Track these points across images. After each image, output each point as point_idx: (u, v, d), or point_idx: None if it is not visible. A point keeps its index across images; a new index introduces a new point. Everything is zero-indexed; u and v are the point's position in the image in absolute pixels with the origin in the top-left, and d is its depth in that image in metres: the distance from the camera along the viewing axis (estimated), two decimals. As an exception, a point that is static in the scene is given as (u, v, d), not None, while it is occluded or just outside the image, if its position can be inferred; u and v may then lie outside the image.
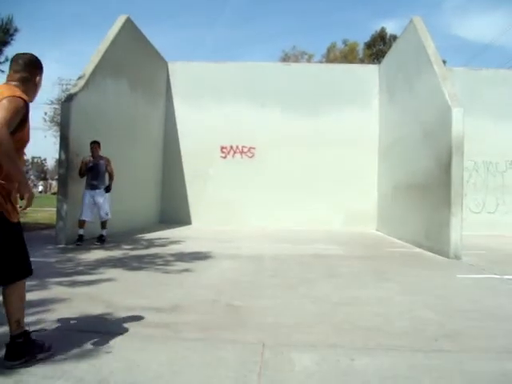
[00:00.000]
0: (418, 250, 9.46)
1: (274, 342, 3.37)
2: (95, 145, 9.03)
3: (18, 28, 9.89)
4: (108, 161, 9.14)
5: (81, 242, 8.65)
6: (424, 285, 5.91)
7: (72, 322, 3.71)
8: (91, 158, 8.95)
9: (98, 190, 8.91)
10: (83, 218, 8.77)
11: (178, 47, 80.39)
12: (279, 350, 3.24)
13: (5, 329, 3.44)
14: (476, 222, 12.62)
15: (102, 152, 9.30)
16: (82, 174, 8.92)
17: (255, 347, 3.25)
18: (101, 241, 8.94)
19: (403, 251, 9.35)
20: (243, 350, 3.21)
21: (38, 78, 3.06)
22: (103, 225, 9.11)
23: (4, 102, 2.67)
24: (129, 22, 11.71)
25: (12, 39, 9.86)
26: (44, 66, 3.13)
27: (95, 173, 8.93)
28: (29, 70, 2.98)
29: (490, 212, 13.62)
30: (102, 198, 8.92)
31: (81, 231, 8.77)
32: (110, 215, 9.13)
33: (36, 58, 3.06)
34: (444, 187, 8.44)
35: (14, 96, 2.74)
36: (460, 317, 4.25)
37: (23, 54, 3.03)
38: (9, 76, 2.97)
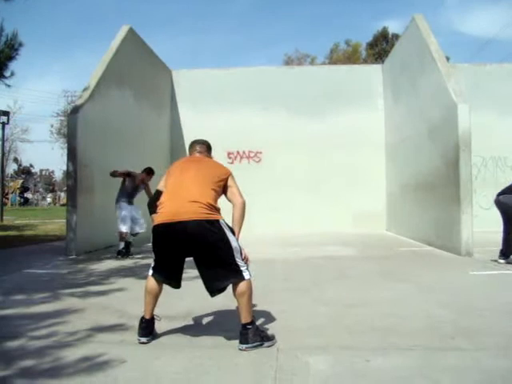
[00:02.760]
0: (429, 248, 9.41)
1: (288, 346, 3.36)
2: (152, 175, 8.97)
3: (22, 42, 9.96)
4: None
5: (127, 253, 8.54)
6: (437, 283, 5.87)
7: (86, 332, 3.71)
8: (140, 182, 8.81)
9: (134, 206, 8.86)
10: (126, 230, 8.55)
11: (180, 54, 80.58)
12: (294, 353, 3.21)
13: (19, 342, 3.47)
14: (487, 218, 12.44)
15: (111, 160, 9.35)
16: (116, 176, 8.67)
17: (269, 352, 3.23)
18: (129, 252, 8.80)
19: (414, 250, 9.30)
20: (258, 355, 3.19)
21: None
22: (134, 236, 8.93)
23: (232, 177, 3.75)
24: (131, 32, 11.77)
25: (17, 54, 9.92)
26: (48, 78, 3.19)
27: (136, 193, 8.89)
28: (209, 152, 4.12)
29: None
30: (139, 213, 8.85)
31: (122, 244, 8.57)
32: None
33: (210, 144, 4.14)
34: (453, 184, 8.39)
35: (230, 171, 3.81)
36: (475, 314, 4.21)
37: (203, 140, 4.14)
38: (195, 151, 3.97)
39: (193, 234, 3.33)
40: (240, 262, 3.40)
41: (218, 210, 3.49)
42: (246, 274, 3.38)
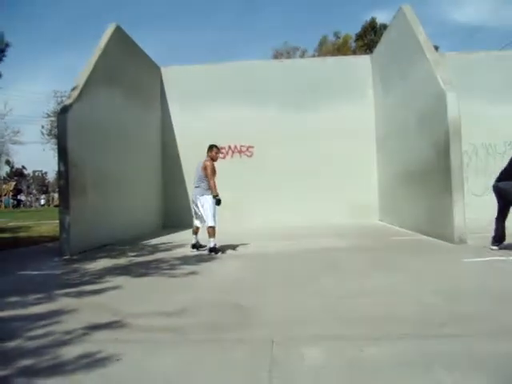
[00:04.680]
0: (422, 237, 9.46)
1: (282, 338, 3.38)
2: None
3: (9, 43, 9.90)
4: None
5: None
6: (430, 271, 5.91)
7: (81, 331, 3.72)
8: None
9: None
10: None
11: (168, 52, 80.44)
12: (288, 345, 3.24)
13: (16, 342, 3.48)
14: (479, 205, 12.53)
15: (102, 159, 9.30)
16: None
17: (264, 344, 3.26)
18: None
19: (408, 239, 9.35)
20: (252, 348, 3.22)
21: None
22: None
23: None
24: (119, 30, 11.71)
25: (4, 55, 9.87)
26: (39, 79, 3.19)
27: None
28: None
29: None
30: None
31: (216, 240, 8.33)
32: None
33: None
34: (444, 173, 8.42)
35: None
36: (468, 301, 4.26)
37: None
38: None
39: None
40: None
41: None
42: None
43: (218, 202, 8.36)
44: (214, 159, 8.62)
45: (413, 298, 4.45)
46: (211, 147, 8.71)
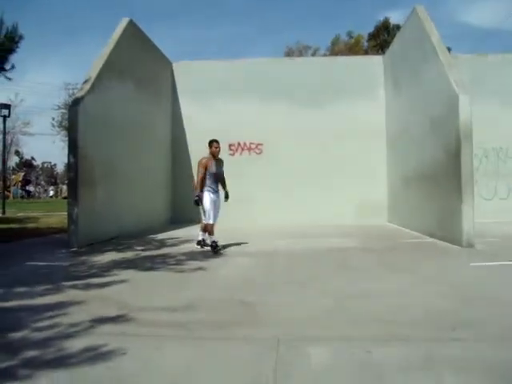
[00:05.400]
0: (430, 239, 9.40)
1: (289, 337, 3.37)
2: (219, 144, 8.51)
3: (22, 35, 9.96)
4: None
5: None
6: (438, 274, 5.88)
7: (87, 324, 3.72)
8: (213, 160, 8.41)
9: (217, 194, 8.43)
10: (214, 221, 8.20)
11: (181, 47, 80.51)
12: (294, 344, 3.23)
13: (22, 333, 3.49)
14: (488, 209, 12.47)
15: (112, 152, 9.28)
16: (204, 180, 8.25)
17: (270, 343, 3.24)
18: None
19: (416, 242, 9.29)
20: (258, 347, 3.20)
21: None
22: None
23: None
24: (131, 24, 11.72)
25: (17, 47, 9.93)
26: (50, 71, 3.20)
27: (218, 175, 8.46)
28: None
29: (503, 198, 13.50)
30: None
31: (215, 237, 8.06)
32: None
33: None
34: (454, 175, 8.36)
35: None
36: (476, 305, 4.22)
37: None
38: None
39: None
40: None
41: None
42: None
43: (195, 203, 8.23)
44: (214, 155, 8.41)
45: (421, 300, 4.42)
46: (210, 142, 8.46)
